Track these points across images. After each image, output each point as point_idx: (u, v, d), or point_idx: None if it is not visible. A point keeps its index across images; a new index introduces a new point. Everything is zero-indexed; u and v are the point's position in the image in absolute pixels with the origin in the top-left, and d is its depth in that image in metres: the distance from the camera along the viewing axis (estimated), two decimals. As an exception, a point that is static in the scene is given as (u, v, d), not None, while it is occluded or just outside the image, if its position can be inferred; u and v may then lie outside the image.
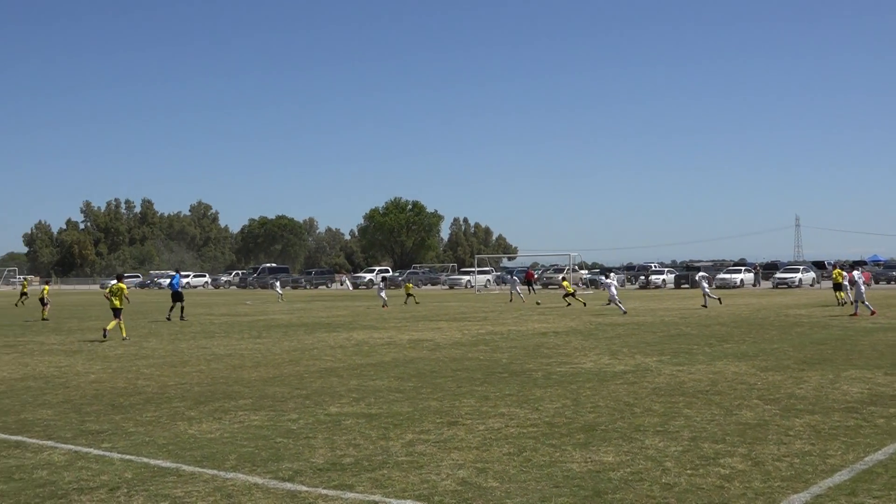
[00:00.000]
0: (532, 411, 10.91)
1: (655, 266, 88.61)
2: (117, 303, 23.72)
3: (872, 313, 28.58)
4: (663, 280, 73.18)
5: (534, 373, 14.82)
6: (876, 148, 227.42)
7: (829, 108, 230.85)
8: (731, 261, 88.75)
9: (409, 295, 46.47)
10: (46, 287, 36.35)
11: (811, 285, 69.63)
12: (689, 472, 7.65)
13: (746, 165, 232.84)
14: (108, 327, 23.60)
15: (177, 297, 32.90)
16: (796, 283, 67.29)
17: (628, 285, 78.58)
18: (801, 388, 12.58)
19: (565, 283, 42.31)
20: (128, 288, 24.96)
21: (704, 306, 35.78)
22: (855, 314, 28.83)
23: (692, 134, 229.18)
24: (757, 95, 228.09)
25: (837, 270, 37.92)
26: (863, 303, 28.98)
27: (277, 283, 57.80)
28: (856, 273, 30.97)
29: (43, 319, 33.42)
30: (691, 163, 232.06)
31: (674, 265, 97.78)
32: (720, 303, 37.04)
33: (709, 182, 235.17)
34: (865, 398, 11.66)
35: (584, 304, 39.51)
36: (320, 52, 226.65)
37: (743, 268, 73.67)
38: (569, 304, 39.40)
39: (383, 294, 42.41)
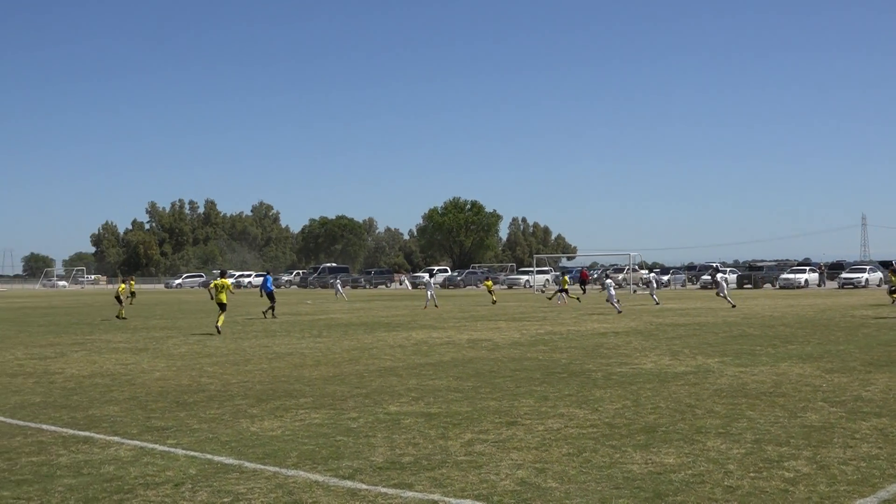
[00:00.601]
0: (592, 412, 10.83)
1: (717, 265, 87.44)
2: (223, 297, 25.00)
3: None
4: (726, 280, 72.14)
5: (593, 373, 14.72)
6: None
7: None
8: (795, 260, 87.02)
9: (490, 292, 46.25)
10: (123, 285, 36.71)
11: (878, 285, 68.10)
12: (752, 474, 7.53)
13: (811, 163, 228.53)
14: (218, 323, 24.84)
15: (271, 296, 34.71)
16: (862, 284, 65.86)
17: (689, 285, 77.70)
18: (867, 391, 12.30)
19: (563, 280, 44.49)
20: (215, 286, 25.73)
21: (734, 306, 35.93)
22: None
23: (756, 132, 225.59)
24: (825, 92, 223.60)
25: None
26: None
27: (339, 283, 57.67)
28: None
29: (119, 318, 33.48)
30: (755, 161, 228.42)
31: (736, 265, 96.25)
32: (733, 307, 36.44)
33: (773, 180, 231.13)
34: (935, 401, 11.37)
35: (578, 300, 41.19)
36: (380, 56, 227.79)
37: (807, 268, 72.20)
38: (550, 299, 40.55)
39: (431, 293, 41.66)
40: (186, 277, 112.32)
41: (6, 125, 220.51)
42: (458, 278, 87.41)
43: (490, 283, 48.45)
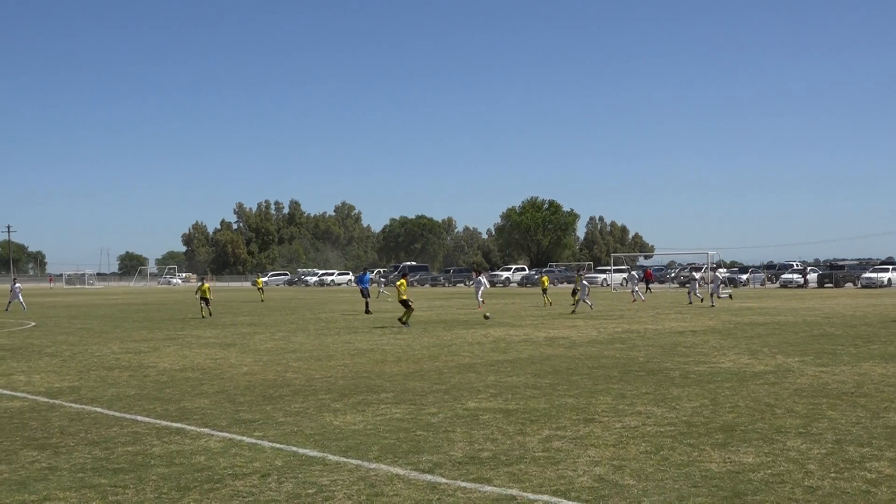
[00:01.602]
0: (669, 410, 10.69)
1: (797, 265, 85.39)
2: (405, 295, 25.72)
3: None
4: (805, 279, 70.44)
5: (671, 371, 14.52)
6: None
7: None
8: (877, 259, 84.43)
9: (574, 292, 41.28)
10: (206, 285, 34.65)
11: (965, 285, 65.78)
12: (833, 475, 7.34)
13: (892, 159, 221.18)
14: (404, 318, 25.83)
15: (365, 293, 35.56)
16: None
17: (769, 284, 76.08)
18: (954, 392, 11.89)
19: (543, 280, 43.66)
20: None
21: (712, 305, 36.09)
22: None
23: (834, 129, 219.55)
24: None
25: None
26: None
27: (382, 281, 52.75)
28: None
29: (203, 317, 32.97)
30: (834, 159, 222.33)
31: (816, 264, 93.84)
32: (713, 305, 36.21)
33: (856, 177, 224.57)
34: None
35: (551, 304, 40.27)
36: (457, 58, 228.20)
37: (891, 266, 70.01)
38: (547, 304, 40.19)
39: (479, 295, 39.74)
40: (273, 275, 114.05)
41: (104, 133, 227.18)
42: (536, 276, 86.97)
43: (546, 280, 44.54)
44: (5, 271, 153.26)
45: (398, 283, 26.76)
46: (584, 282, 36.30)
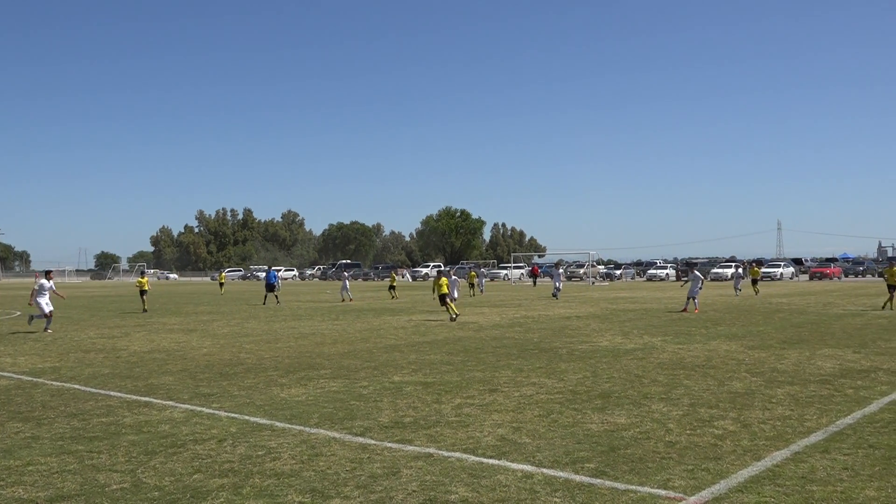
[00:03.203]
0: (558, 381, 10.83)
1: (660, 262, 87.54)
2: (445, 290, 23.02)
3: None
4: (666, 273, 72.24)
5: (559, 350, 14.71)
6: (848, 157, 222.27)
7: (808, 119, 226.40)
8: (723, 258, 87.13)
9: (471, 285, 42.03)
10: (143, 279, 30.27)
11: (790, 278, 68.32)
12: (688, 432, 7.54)
13: (736, 175, 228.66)
14: (452, 314, 22.81)
15: (270, 287, 34.66)
16: (778, 277, 66.00)
17: (637, 278, 77.76)
18: (782, 364, 12.33)
19: (472, 275, 42.62)
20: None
21: (555, 296, 35.80)
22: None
23: (693, 144, 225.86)
24: (747, 110, 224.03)
25: (754, 269, 39.25)
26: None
27: (347, 283, 40.88)
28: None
29: (143, 311, 28.90)
30: (690, 173, 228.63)
31: (675, 262, 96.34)
32: (556, 297, 35.79)
33: (705, 190, 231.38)
34: (837, 372, 11.40)
35: (473, 295, 39.90)
36: (387, 88, 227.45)
37: (733, 264, 72.38)
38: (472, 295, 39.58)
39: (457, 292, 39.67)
40: (229, 272, 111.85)
41: (81, 144, 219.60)
42: (449, 270, 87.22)
43: (474, 274, 43.43)
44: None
45: (440, 281, 23.24)
46: (482, 274, 37.47)
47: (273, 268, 42.02)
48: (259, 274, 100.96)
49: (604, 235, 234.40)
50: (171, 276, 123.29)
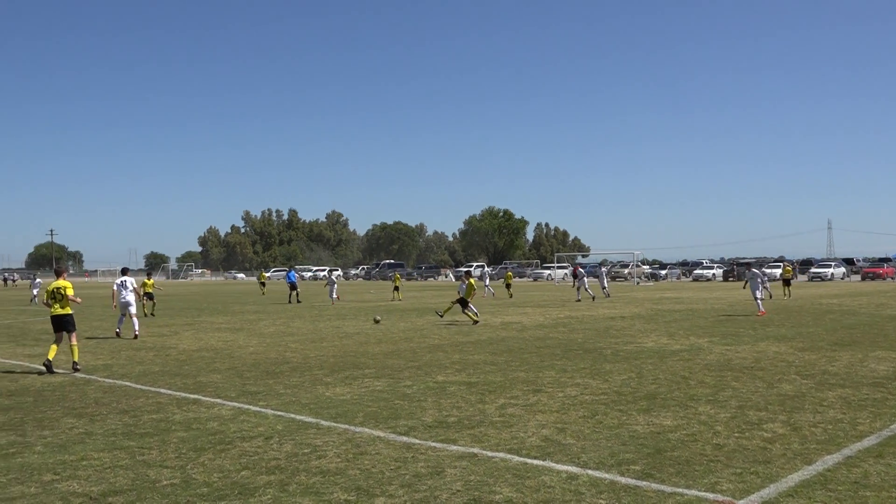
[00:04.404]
0: (603, 382, 10.74)
1: (706, 262, 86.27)
2: (471, 294, 22.07)
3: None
4: (713, 274, 71.17)
5: (604, 350, 14.59)
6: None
7: (859, 117, 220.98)
8: (771, 258, 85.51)
9: (507, 286, 41.15)
10: (150, 281, 27.51)
11: (841, 278, 66.78)
12: (736, 434, 7.41)
13: (786, 174, 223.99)
14: (473, 317, 21.77)
15: (293, 286, 36.47)
16: (829, 277, 64.59)
17: (683, 278, 76.73)
18: (833, 366, 12.05)
19: (508, 275, 41.71)
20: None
21: (578, 294, 34.85)
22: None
23: (741, 143, 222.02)
24: (801, 114, 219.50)
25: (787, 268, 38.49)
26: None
27: (335, 288, 36.53)
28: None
29: (149, 315, 26.42)
30: (739, 171, 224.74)
31: (722, 261, 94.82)
32: (593, 300, 34.53)
33: (754, 189, 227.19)
34: (891, 374, 11.10)
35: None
36: (423, 85, 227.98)
37: (781, 263, 71.01)
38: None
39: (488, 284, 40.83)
40: (274, 271, 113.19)
41: (132, 147, 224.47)
42: (493, 273, 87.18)
43: (510, 274, 42.31)
44: (49, 269, 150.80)
45: (470, 281, 22.29)
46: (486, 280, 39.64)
47: (294, 268, 44.50)
48: (304, 274, 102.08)
49: (649, 235, 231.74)
50: (239, 275, 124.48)
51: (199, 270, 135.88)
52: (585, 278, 35.83)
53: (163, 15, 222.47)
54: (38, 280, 40.36)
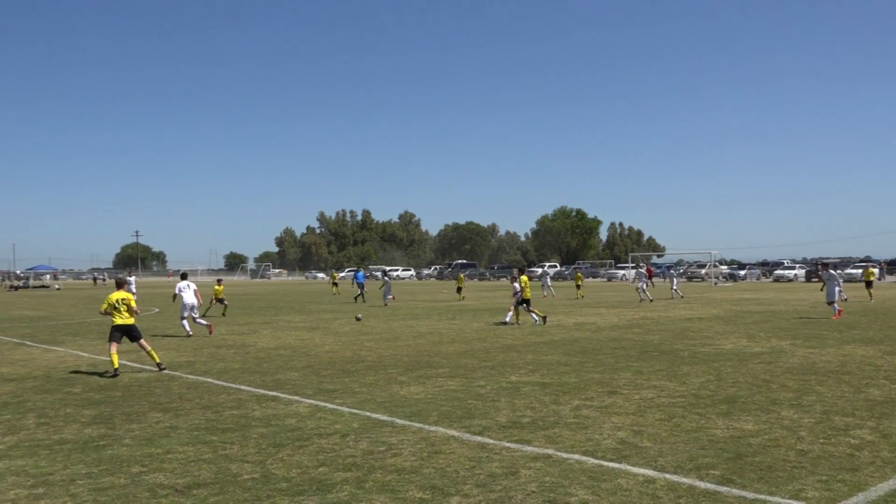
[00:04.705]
0: (680, 384, 10.53)
1: (787, 262, 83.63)
2: (528, 294, 21.43)
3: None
4: (794, 274, 68.94)
5: (681, 352, 14.30)
6: None
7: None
8: (857, 258, 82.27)
9: (577, 286, 40.54)
10: (219, 287, 27.50)
11: (934, 279, 63.81)
12: (821, 441, 7.16)
13: (871, 170, 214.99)
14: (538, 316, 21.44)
15: (361, 286, 38.04)
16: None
17: (763, 279, 74.57)
18: (925, 371, 11.51)
19: (578, 276, 41.00)
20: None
21: (651, 299, 33.82)
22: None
23: (825, 140, 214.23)
24: (881, 109, 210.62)
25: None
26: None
27: (390, 287, 34.78)
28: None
29: (222, 314, 27.23)
30: (822, 167, 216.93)
31: (805, 261, 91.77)
32: (650, 302, 32.99)
33: (837, 186, 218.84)
34: None
35: (582, 296, 38.21)
36: (497, 89, 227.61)
37: (866, 264, 68.26)
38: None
39: (549, 284, 41.00)
40: (349, 271, 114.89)
41: (211, 148, 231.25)
42: (566, 272, 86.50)
43: (580, 275, 41.50)
44: (134, 268, 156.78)
45: (522, 278, 21.70)
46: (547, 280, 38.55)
47: (361, 269, 46.43)
48: (377, 274, 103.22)
49: (726, 234, 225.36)
50: (319, 275, 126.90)
51: (276, 270, 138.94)
52: (645, 279, 35.43)
53: (256, 13, 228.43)
54: (132, 278, 41.74)
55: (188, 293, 19.32)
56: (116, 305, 12.73)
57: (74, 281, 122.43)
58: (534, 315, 21.24)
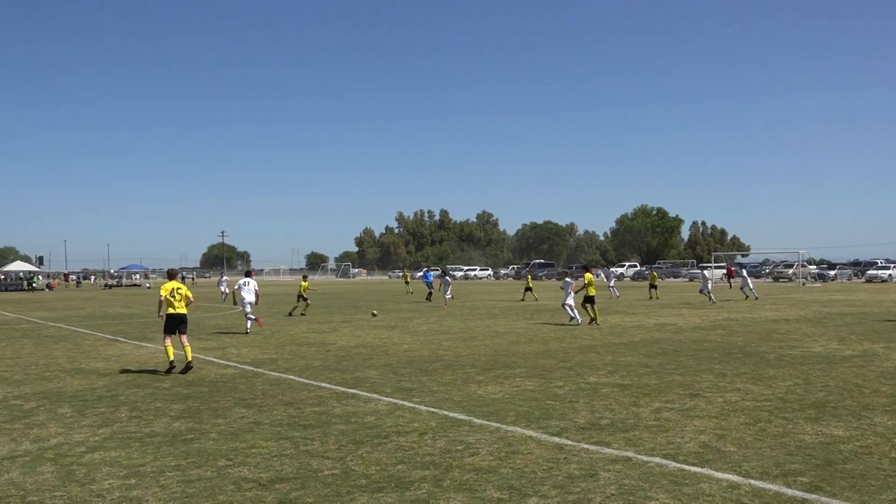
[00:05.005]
0: (765, 388, 10.20)
1: (881, 262, 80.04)
2: (593, 291, 21.25)
3: None
4: (889, 275, 65.91)
5: (766, 354, 13.86)
6: None
7: None
8: (957, 257, 78.07)
9: (653, 286, 38.29)
10: (305, 283, 27.61)
11: None
12: (918, 449, 6.82)
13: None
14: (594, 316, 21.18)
15: (429, 285, 37.83)
16: None
17: (854, 279, 71.58)
18: None
19: (653, 275, 38.71)
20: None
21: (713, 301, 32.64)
22: None
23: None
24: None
25: None
26: None
27: (449, 287, 33.73)
28: None
29: (301, 314, 27.21)
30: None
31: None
32: (712, 303, 31.61)
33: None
34: None
35: (658, 298, 36.62)
36: (574, 89, 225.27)
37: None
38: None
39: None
40: (427, 271, 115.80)
41: (292, 150, 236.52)
42: (646, 272, 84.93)
43: (655, 274, 38.97)
44: (220, 267, 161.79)
45: (587, 275, 21.33)
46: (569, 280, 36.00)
47: (430, 268, 46.38)
48: (455, 274, 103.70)
49: (815, 233, 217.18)
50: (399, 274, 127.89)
51: (356, 270, 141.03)
52: (709, 281, 34.26)
53: (352, 13, 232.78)
54: (224, 278, 42.58)
55: (246, 290, 19.60)
56: (173, 293, 12.64)
57: (163, 280, 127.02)
58: (574, 313, 21.07)
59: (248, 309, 19.57)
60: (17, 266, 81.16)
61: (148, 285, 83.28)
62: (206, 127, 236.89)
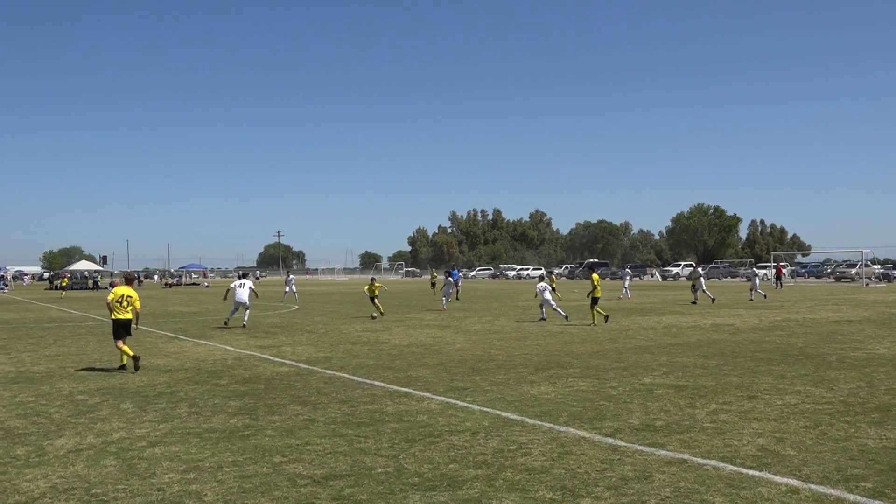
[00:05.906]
0: (827, 390, 9.94)
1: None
2: (598, 293, 21.32)
3: None
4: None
5: (828, 356, 13.49)
6: None
7: None
8: None
9: (693, 288, 34.98)
10: (377, 284, 26.54)
11: None
12: None
13: None
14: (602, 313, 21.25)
15: (455, 283, 37.30)
16: None
17: (922, 279, 69.13)
18: None
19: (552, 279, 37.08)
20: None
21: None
22: None
23: None
24: None
25: None
26: None
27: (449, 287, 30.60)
28: None
29: (372, 316, 25.25)
30: None
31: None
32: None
33: None
34: None
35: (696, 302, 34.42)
36: (628, 88, 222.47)
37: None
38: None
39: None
40: (479, 270, 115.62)
41: (345, 151, 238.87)
42: (703, 272, 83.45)
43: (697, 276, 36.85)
44: (276, 267, 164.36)
45: (593, 276, 21.76)
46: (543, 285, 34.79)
47: (456, 268, 47.68)
48: (508, 273, 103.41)
49: (880, 232, 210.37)
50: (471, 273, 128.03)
51: (409, 269, 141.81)
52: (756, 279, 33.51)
53: (389, 13, 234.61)
54: (291, 277, 42.88)
55: (241, 290, 21.46)
56: (120, 300, 12.68)
57: (222, 279, 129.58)
58: (559, 313, 22.07)
59: (243, 309, 21.59)
60: (83, 265, 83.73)
61: (207, 284, 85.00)
62: (264, 128, 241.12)
